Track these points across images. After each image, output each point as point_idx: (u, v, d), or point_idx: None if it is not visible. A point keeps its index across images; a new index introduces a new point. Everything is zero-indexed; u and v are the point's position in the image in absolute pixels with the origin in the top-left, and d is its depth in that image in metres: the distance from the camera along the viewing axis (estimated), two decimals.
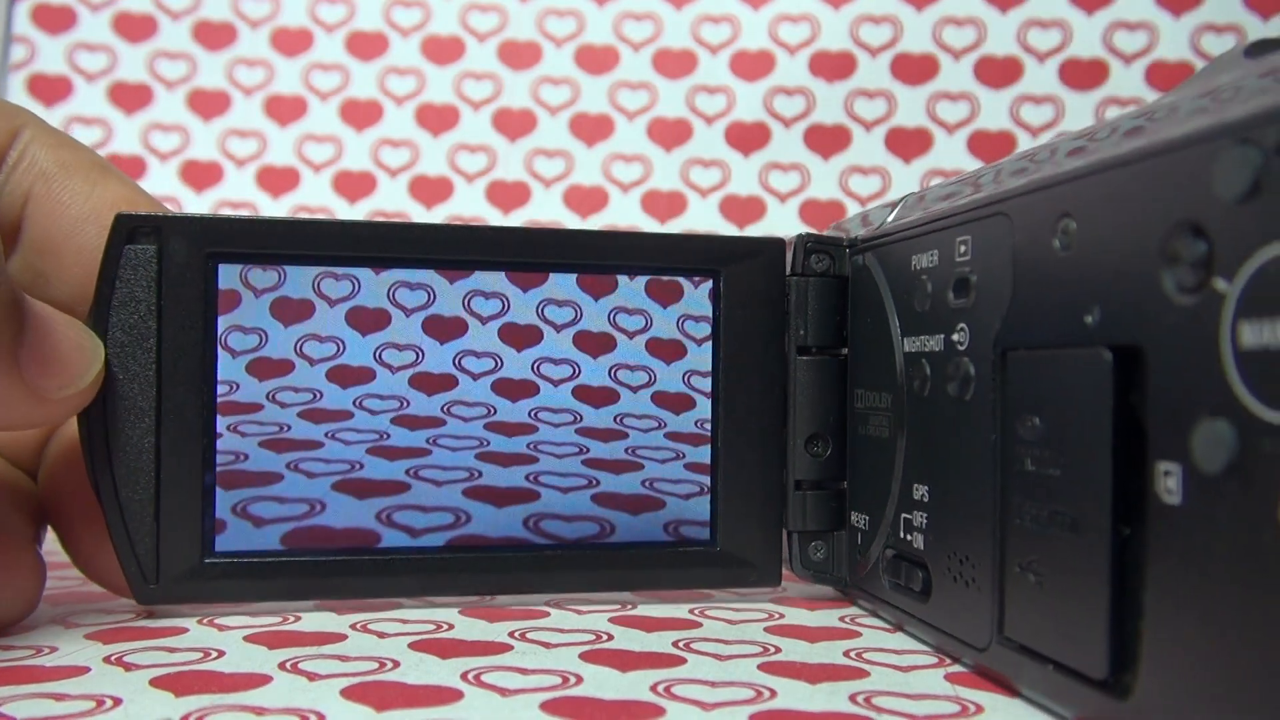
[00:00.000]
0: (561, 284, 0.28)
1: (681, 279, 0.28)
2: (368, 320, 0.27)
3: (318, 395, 0.26)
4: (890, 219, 0.26)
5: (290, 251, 0.26)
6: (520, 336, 0.27)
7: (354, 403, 0.27)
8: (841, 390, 0.28)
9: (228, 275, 0.26)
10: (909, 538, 0.24)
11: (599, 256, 0.28)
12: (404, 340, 0.27)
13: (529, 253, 0.27)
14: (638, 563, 0.28)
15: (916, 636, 0.24)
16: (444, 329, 0.27)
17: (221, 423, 0.26)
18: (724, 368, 0.28)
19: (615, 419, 0.28)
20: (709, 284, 0.28)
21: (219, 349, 0.25)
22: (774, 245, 0.28)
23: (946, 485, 0.23)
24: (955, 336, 0.22)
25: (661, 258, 0.28)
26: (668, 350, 0.28)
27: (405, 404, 0.27)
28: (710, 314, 0.28)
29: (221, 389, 0.25)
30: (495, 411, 0.27)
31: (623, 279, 0.28)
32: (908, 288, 0.24)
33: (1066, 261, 0.18)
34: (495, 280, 0.27)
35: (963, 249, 0.22)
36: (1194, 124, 0.15)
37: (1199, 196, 0.15)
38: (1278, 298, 0.14)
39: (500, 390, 0.27)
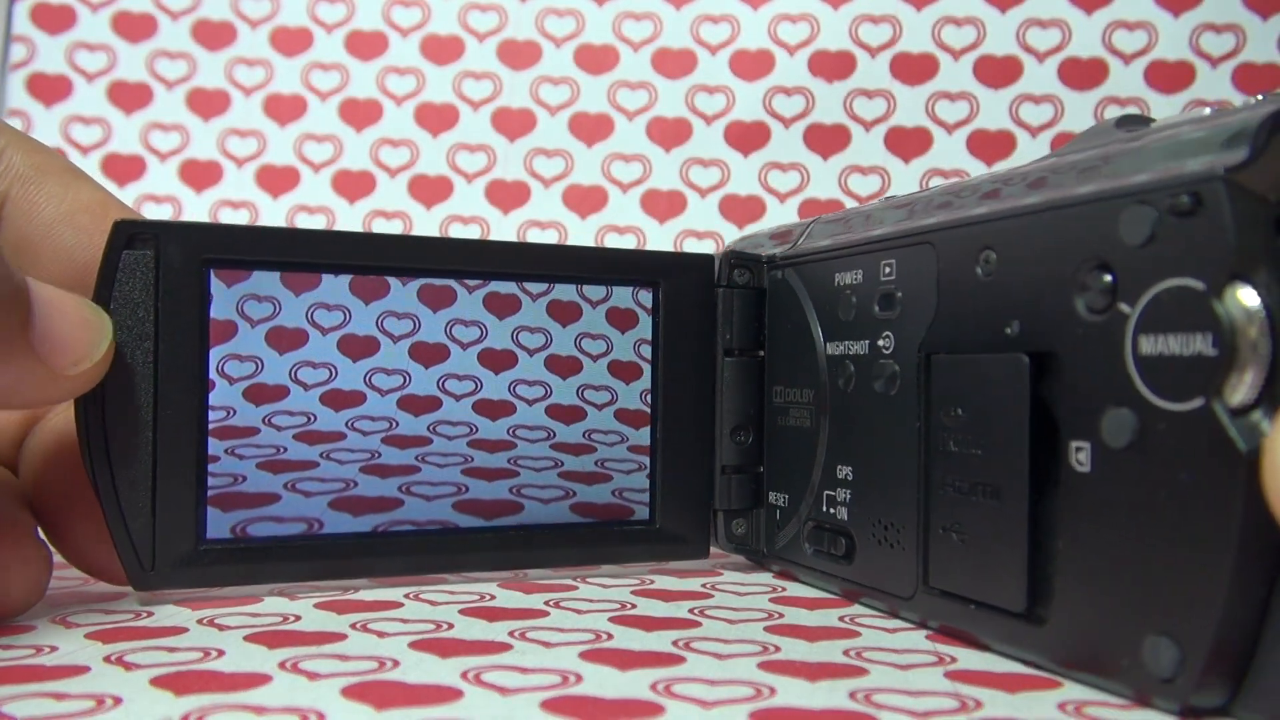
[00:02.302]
0: (532, 311, 0.30)
1: (635, 307, 0.31)
2: (358, 347, 0.28)
3: (311, 418, 0.28)
4: (802, 240, 0.31)
5: (282, 259, 0.27)
6: (497, 360, 0.30)
7: (346, 424, 0.28)
8: (760, 386, 0.32)
9: (224, 305, 0.27)
10: (832, 511, 0.28)
11: (554, 268, 0.30)
12: (391, 365, 0.29)
13: (494, 264, 0.30)
14: (588, 540, 0.30)
15: (834, 593, 0.29)
16: (428, 354, 0.29)
17: (219, 446, 0.26)
18: (663, 367, 0.31)
19: (584, 434, 0.31)
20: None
21: (213, 370, 0.26)
22: (705, 260, 0.32)
23: (871, 466, 0.27)
24: (880, 342, 0.27)
25: (609, 270, 0.31)
26: (627, 371, 0.31)
27: (394, 424, 0.29)
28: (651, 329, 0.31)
29: (219, 414, 0.26)
30: (477, 430, 0.29)
31: (586, 307, 0.31)
32: (831, 300, 0.29)
33: (988, 285, 0.23)
34: (473, 309, 0.29)
35: (887, 270, 0.27)
36: (1103, 184, 0.20)
37: (1108, 241, 0.20)
38: (1168, 318, 0.18)
39: (481, 410, 0.29)
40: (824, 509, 0.29)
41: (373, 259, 0.28)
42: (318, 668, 0.20)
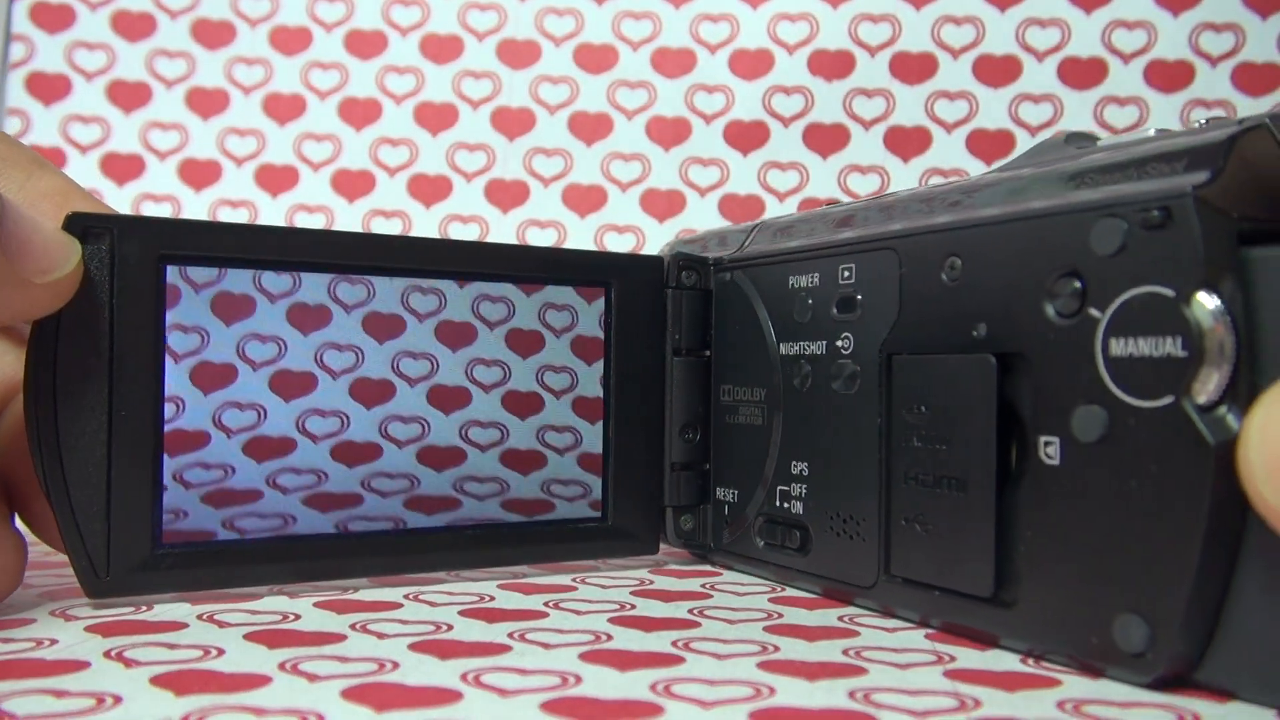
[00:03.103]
0: (488, 342, 0.30)
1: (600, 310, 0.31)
2: (338, 358, 0.28)
3: (323, 477, 0.27)
4: (749, 244, 0.32)
5: (240, 256, 0.27)
6: (448, 398, 0.29)
7: (362, 483, 0.28)
8: (708, 386, 0.32)
9: (223, 348, 0.26)
10: (786, 505, 0.29)
11: (506, 269, 0.30)
12: (410, 412, 0.28)
13: (452, 262, 0.29)
14: (540, 538, 0.30)
15: (796, 585, 0.29)
16: (447, 398, 0.29)
17: (217, 518, 0.26)
18: (615, 366, 0.31)
19: (542, 487, 0.30)
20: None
21: (167, 350, 0.26)
22: (655, 261, 0.32)
23: (829, 461, 0.28)
24: (839, 343, 0.27)
25: (561, 272, 0.31)
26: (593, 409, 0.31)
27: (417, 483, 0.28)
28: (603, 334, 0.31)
29: (216, 473, 0.26)
30: (419, 483, 0.29)
31: (549, 336, 0.31)
32: (785, 302, 0.29)
33: (953, 290, 0.24)
34: (426, 341, 0.29)
35: (846, 274, 0.27)
36: (1073, 198, 0.21)
37: (1078, 251, 0.21)
38: (1137, 322, 0.20)
39: (425, 458, 0.29)
40: (777, 503, 0.30)
41: (331, 256, 0.28)
42: (317, 669, 0.20)
